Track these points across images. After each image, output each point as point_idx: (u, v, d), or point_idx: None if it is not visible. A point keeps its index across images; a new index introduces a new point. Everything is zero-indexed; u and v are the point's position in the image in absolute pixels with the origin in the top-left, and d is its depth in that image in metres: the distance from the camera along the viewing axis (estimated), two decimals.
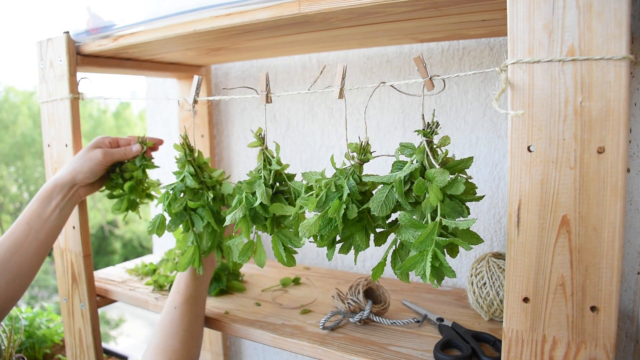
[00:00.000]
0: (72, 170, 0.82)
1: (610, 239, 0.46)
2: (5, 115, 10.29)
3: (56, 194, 0.81)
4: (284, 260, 0.69)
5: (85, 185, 0.84)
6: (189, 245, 0.78)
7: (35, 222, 0.78)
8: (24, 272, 0.76)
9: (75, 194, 0.83)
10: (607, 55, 0.44)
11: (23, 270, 0.76)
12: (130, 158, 0.88)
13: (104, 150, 0.84)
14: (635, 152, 0.76)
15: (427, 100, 0.97)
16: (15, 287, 0.75)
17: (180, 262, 0.79)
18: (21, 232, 0.77)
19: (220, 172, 0.81)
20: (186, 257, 0.79)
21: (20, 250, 0.76)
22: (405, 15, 0.65)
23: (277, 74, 1.15)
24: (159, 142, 0.92)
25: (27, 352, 1.17)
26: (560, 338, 0.49)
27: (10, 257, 0.75)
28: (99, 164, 0.83)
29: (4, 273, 0.74)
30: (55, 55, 0.90)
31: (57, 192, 0.81)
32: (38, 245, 0.78)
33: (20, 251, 0.76)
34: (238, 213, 0.68)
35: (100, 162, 0.83)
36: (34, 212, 0.79)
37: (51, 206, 0.80)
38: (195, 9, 0.73)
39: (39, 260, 0.78)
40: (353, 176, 0.61)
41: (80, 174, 0.82)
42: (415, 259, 0.55)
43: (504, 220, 0.92)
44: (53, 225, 0.80)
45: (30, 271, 0.77)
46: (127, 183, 0.86)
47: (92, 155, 0.83)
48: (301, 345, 0.71)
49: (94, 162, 0.82)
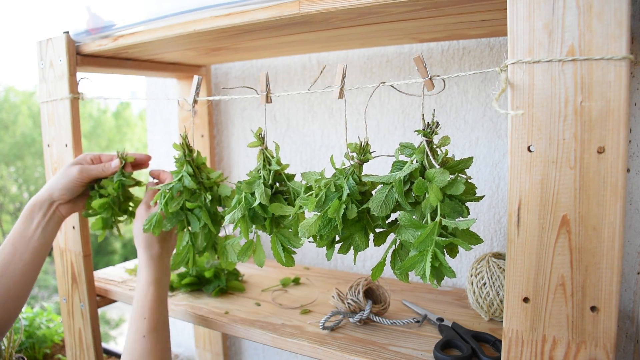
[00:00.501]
0: (49, 187, 0.81)
1: (610, 239, 0.46)
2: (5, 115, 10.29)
3: (36, 212, 0.79)
4: (283, 261, 0.69)
5: (65, 203, 0.82)
6: (184, 244, 0.78)
7: (19, 242, 0.78)
8: (13, 294, 0.75)
9: (56, 212, 0.81)
10: (607, 55, 0.44)
11: (12, 292, 0.75)
12: (109, 174, 0.83)
13: (81, 167, 0.81)
14: (635, 152, 0.76)
15: (427, 100, 0.97)
16: (7, 309, 0.75)
17: (173, 261, 0.79)
18: (7, 254, 0.77)
19: (219, 173, 0.81)
20: (180, 256, 0.79)
21: (7, 272, 0.75)
22: (405, 15, 0.65)
23: (277, 74, 1.15)
24: (146, 158, 0.87)
25: (27, 352, 1.17)
26: (560, 338, 0.49)
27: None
28: (75, 181, 0.80)
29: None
30: (55, 55, 0.90)
31: (37, 210, 0.80)
32: (24, 266, 0.77)
33: (7, 273, 0.75)
34: (237, 213, 0.68)
35: (76, 179, 0.80)
36: (18, 232, 0.78)
37: (33, 225, 0.79)
38: (195, 9, 0.73)
39: (27, 282, 0.77)
40: (353, 176, 0.61)
41: (56, 190, 0.80)
42: (415, 259, 0.55)
43: (504, 220, 0.92)
44: (37, 245, 0.78)
45: (20, 292, 0.76)
46: (97, 201, 0.82)
47: (69, 172, 0.81)
48: (301, 345, 0.71)
49: (70, 179, 0.80)
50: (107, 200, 0.83)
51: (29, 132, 10.26)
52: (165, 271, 0.79)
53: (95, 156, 0.85)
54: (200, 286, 0.95)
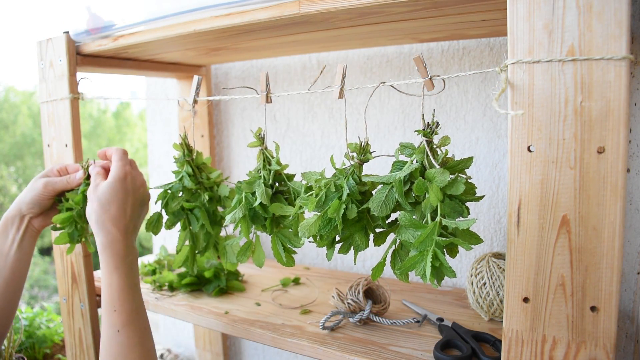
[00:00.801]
0: (17, 201, 0.79)
1: (610, 239, 0.46)
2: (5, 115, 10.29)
3: (9, 227, 0.78)
4: (283, 261, 0.69)
5: (36, 216, 0.79)
6: (185, 244, 0.78)
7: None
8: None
9: (29, 226, 0.79)
10: (607, 55, 0.44)
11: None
12: (74, 186, 0.80)
13: (46, 179, 0.79)
14: (635, 152, 0.76)
15: (427, 100, 0.97)
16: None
17: (175, 260, 0.79)
18: None
19: (218, 173, 0.81)
20: (181, 256, 0.79)
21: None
22: (405, 15, 0.65)
23: (277, 74, 1.15)
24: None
25: (27, 352, 1.17)
26: (560, 338, 0.49)
27: None
28: (40, 195, 0.78)
29: None
30: (55, 55, 0.89)
31: (10, 225, 0.78)
32: (5, 283, 0.75)
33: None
34: (238, 213, 0.68)
35: (42, 193, 0.78)
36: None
37: (8, 241, 0.77)
38: (195, 9, 0.73)
39: (10, 299, 0.76)
40: (353, 176, 0.61)
41: (23, 204, 0.78)
42: (415, 259, 0.55)
43: (504, 220, 0.92)
44: (15, 260, 0.77)
45: (5, 310, 0.75)
46: (58, 216, 0.79)
47: (35, 185, 0.79)
48: (301, 345, 0.71)
49: (35, 193, 0.78)
50: (70, 214, 0.79)
51: (29, 132, 10.26)
52: (128, 251, 0.70)
53: (62, 167, 0.82)
54: (200, 286, 0.95)
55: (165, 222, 0.79)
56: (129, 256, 0.70)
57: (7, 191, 10.31)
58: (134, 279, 0.70)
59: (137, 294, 0.70)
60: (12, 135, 10.18)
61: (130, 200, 0.72)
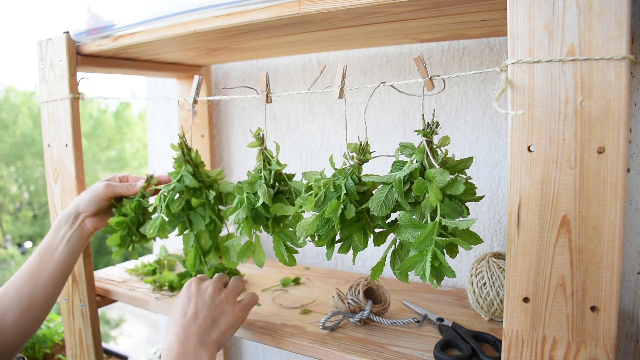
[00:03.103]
0: (76, 200, 0.84)
1: (610, 239, 0.46)
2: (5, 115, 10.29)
3: (63, 224, 0.82)
4: (285, 260, 0.69)
5: (90, 216, 0.84)
6: (191, 246, 0.78)
7: (45, 253, 0.80)
8: (36, 302, 0.77)
9: (82, 225, 0.83)
10: (607, 55, 0.44)
11: (35, 300, 0.77)
12: (133, 194, 0.86)
13: (108, 182, 0.85)
14: (635, 152, 0.76)
15: (427, 100, 0.97)
16: (29, 317, 0.76)
17: (187, 264, 0.80)
18: (33, 263, 0.79)
19: (219, 170, 0.81)
20: (190, 260, 0.79)
21: (32, 280, 0.77)
22: (405, 15, 0.65)
23: (277, 74, 1.15)
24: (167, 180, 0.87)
25: (27, 352, 1.17)
26: (560, 338, 0.49)
27: (22, 287, 0.77)
28: (99, 194, 0.83)
29: (17, 303, 0.76)
30: (55, 55, 0.90)
31: (64, 222, 0.82)
32: (48, 276, 0.78)
33: (32, 282, 0.77)
34: (241, 213, 0.68)
35: (102, 193, 0.83)
36: (45, 243, 0.81)
37: (59, 237, 0.81)
38: (195, 9, 0.73)
39: (51, 292, 0.79)
40: (352, 176, 0.61)
41: (82, 201, 0.83)
42: (415, 259, 0.55)
43: (504, 220, 0.92)
44: (62, 256, 0.80)
45: (43, 302, 0.78)
46: (113, 219, 0.84)
47: (95, 186, 0.85)
48: (301, 345, 0.71)
49: (95, 192, 0.83)
50: (125, 219, 0.83)
51: (29, 132, 10.27)
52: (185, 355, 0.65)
53: (123, 176, 0.89)
54: None
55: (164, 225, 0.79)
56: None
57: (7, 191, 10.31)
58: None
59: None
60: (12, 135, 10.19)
61: (194, 304, 0.69)
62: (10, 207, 10.60)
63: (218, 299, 0.71)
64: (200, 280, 0.74)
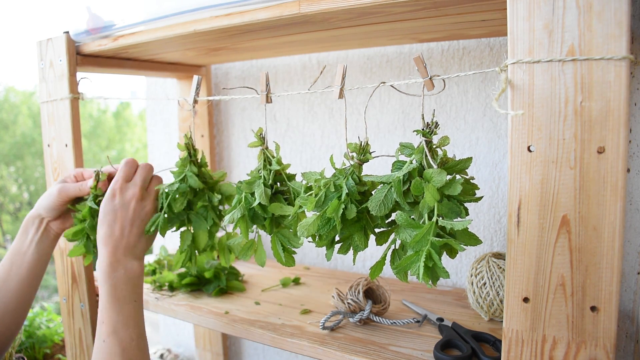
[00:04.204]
0: (37, 204, 0.80)
1: (610, 239, 0.46)
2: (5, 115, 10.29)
3: (29, 227, 0.80)
4: (283, 261, 0.69)
5: (54, 220, 0.81)
6: (187, 244, 0.78)
7: (15, 257, 0.78)
8: (10, 309, 0.75)
9: (47, 228, 0.80)
10: (607, 55, 0.44)
11: (9, 307, 0.75)
12: (86, 194, 0.79)
13: (60, 186, 0.79)
14: (635, 152, 0.76)
15: (427, 100, 0.97)
16: (5, 324, 0.75)
17: (175, 261, 0.79)
18: (4, 269, 0.77)
19: (222, 173, 0.81)
20: (182, 256, 0.79)
21: (5, 286, 0.76)
22: (405, 15, 0.65)
23: (277, 74, 1.15)
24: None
25: (27, 352, 1.17)
26: (560, 338, 0.49)
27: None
28: (54, 201, 0.79)
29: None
30: (55, 55, 0.90)
31: (30, 225, 0.80)
32: (20, 281, 0.77)
33: (4, 287, 0.76)
34: (236, 213, 0.68)
35: (56, 199, 0.78)
36: (15, 248, 0.79)
37: (27, 240, 0.79)
38: (195, 9, 0.73)
39: (24, 297, 0.77)
40: (352, 176, 0.61)
41: (41, 208, 0.79)
42: (411, 259, 0.55)
43: (504, 220, 0.92)
44: (32, 260, 0.78)
45: (18, 308, 0.76)
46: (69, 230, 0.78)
47: (51, 191, 0.80)
48: (301, 345, 0.71)
49: (50, 198, 0.79)
50: (82, 226, 0.78)
51: (29, 132, 10.26)
52: (113, 268, 0.71)
53: (79, 173, 0.83)
54: (200, 286, 0.95)
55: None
56: (115, 272, 0.71)
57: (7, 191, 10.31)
58: (119, 293, 0.70)
59: (127, 307, 0.70)
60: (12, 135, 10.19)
61: (119, 219, 0.73)
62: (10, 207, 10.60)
63: (143, 212, 0.75)
64: (122, 192, 0.74)
